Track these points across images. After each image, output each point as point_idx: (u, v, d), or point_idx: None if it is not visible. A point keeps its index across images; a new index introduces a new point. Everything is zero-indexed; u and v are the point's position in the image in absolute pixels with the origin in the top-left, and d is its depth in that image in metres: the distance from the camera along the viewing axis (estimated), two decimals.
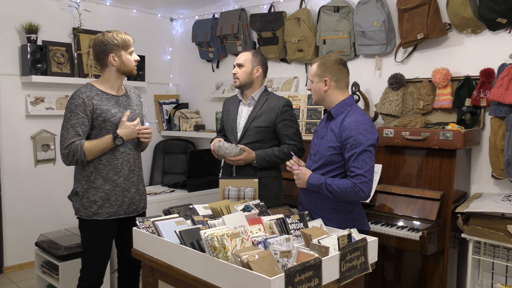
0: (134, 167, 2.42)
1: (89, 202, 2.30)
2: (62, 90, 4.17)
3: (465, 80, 2.90)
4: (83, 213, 2.33)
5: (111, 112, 2.29)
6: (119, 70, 2.32)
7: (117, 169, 2.33)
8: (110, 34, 2.29)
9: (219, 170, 4.01)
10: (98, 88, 2.32)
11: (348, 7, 3.41)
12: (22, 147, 3.96)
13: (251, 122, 2.62)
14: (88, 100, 2.24)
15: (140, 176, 2.49)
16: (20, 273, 3.87)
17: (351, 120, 2.07)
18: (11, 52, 3.89)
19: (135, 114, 2.43)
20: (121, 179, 2.35)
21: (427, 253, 2.50)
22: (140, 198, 2.48)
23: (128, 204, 2.39)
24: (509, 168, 2.57)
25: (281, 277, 1.40)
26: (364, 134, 2.02)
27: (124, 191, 2.37)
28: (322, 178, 2.07)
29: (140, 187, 2.49)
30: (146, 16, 4.92)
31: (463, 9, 2.81)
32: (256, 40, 4.18)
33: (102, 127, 2.28)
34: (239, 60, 2.68)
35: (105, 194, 2.31)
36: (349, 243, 1.71)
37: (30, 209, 4.01)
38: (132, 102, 2.45)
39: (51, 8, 4.11)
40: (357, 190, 1.97)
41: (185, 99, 5.20)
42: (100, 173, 2.30)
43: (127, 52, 2.32)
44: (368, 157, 2.01)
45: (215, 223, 1.83)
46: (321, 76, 2.15)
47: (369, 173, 1.99)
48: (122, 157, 2.35)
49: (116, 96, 2.36)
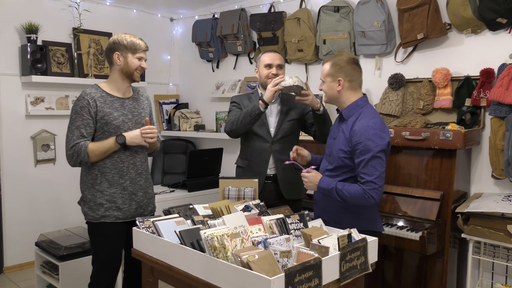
0: (142, 170, 2.41)
1: (96, 205, 2.30)
2: (62, 90, 4.17)
3: (465, 80, 2.90)
4: (90, 216, 2.33)
5: (113, 115, 2.28)
6: (122, 71, 2.32)
7: (123, 172, 2.32)
8: (124, 35, 2.32)
9: (219, 170, 4.01)
10: (104, 89, 2.32)
11: (348, 7, 3.41)
12: (22, 147, 3.96)
13: (284, 117, 2.68)
14: (93, 102, 2.25)
15: (148, 179, 2.48)
16: (20, 273, 3.87)
17: (361, 124, 2.05)
18: (11, 52, 3.89)
19: (141, 117, 2.41)
20: (127, 182, 2.34)
21: (427, 253, 2.50)
22: (148, 202, 2.47)
23: (136, 207, 2.39)
24: (509, 168, 2.57)
25: (281, 277, 1.40)
26: (374, 140, 2.00)
27: (131, 194, 2.36)
28: (333, 183, 2.07)
29: (149, 190, 2.48)
30: (146, 16, 4.92)
31: (463, 9, 2.81)
32: (256, 40, 4.18)
33: (105, 130, 2.28)
34: (281, 61, 2.72)
35: (111, 197, 2.31)
36: (349, 243, 1.71)
37: (30, 209, 4.01)
38: (140, 105, 2.44)
39: (51, 8, 4.11)
40: (367, 197, 1.98)
41: (185, 99, 5.20)
42: (106, 176, 2.30)
43: (135, 56, 2.32)
44: (378, 163, 2.00)
45: (215, 223, 1.83)
46: (334, 76, 2.13)
47: (379, 180, 1.99)
48: (128, 160, 2.34)
49: (122, 98, 2.35)
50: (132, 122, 2.35)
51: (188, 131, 4.75)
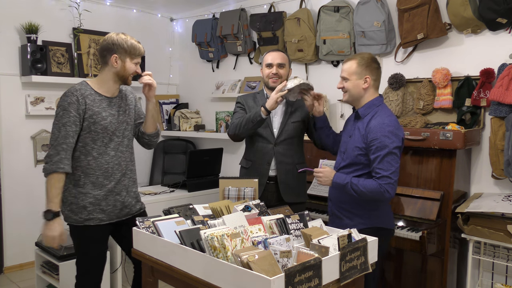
0: (126, 170, 2.33)
1: (78, 208, 2.20)
2: (62, 90, 4.10)
3: (465, 80, 2.90)
4: (73, 220, 2.23)
5: (101, 115, 2.20)
6: (117, 74, 2.24)
7: (108, 173, 2.24)
8: (124, 37, 2.23)
9: (219, 170, 4.01)
10: (93, 87, 2.24)
11: (348, 7, 3.41)
12: (22, 147, 3.96)
13: (288, 118, 2.66)
14: (82, 99, 2.15)
15: (132, 178, 2.38)
16: (20, 273, 3.87)
17: (377, 122, 2.10)
18: (11, 52, 3.89)
19: (126, 116, 2.33)
20: (112, 184, 2.25)
21: (427, 253, 2.50)
22: (135, 201, 2.39)
23: (121, 208, 2.31)
24: (509, 168, 2.57)
25: (281, 277, 1.40)
26: (390, 136, 2.05)
27: (116, 195, 2.28)
28: (348, 178, 2.12)
29: (133, 189, 2.38)
30: (146, 16, 4.92)
31: (463, 9, 2.81)
32: (256, 40, 4.18)
33: (92, 129, 2.19)
34: (283, 60, 2.69)
35: (95, 199, 2.21)
36: (349, 243, 1.71)
37: (30, 209, 4.00)
38: (126, 102, 2.36)
39: (51, 8, 4.11)
40: (383, 191, 2.03)
41: (185, 99, 5.20)
42: (89, 177, 2.21)
43: (132, 61, 2.24)
44: (393, 159, 2.05)
45: (215, 223, 1.83)
46: (361, 74, 2.17)
47: (394, 175, 2.04)
48: (113, 161, 2.25)
49: (109, 98, 2.27)
50: (118, 121, 2.28)
51: (188, 131, 4.74)
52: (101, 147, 2.23)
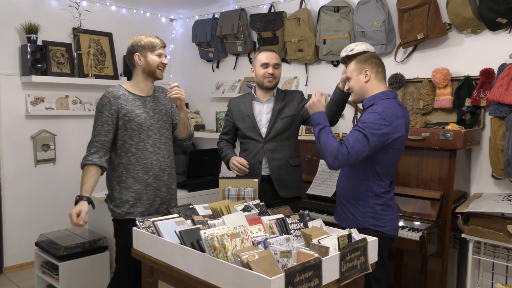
0: (165, 166, 2.44)
1: (121, 202, 2.35)
2: (62, 90, 4.17)
3: (465, 80, 2.90)
4: (116, 214, 2.36)
5: (135, 113, 2.34)
6: (144, 70, 2.38)
7: (147, 168, 2.36)
8: (140, 37, 2.39)
9: (219, 170, 4.01)
10: (126, 89, 2.38)
11: (348, 7, 3.41)
12: (22, 147, 3.96)
13: (276, 115, 2.67)
14: (114, 100, 2.31)
15: (172, 175, 2.51)
16: (20, 273, 3.87)
17: (371, 109, 2.07)
18: (11, 52, 3.89)
19: (162, 115, 2.46)
20: (151, 178, 2.37)
21: (427, 253, 2.50)
22: (171, 198, 2.51)
23: (159, 203, 2.42)
24: (509, 168, 2.57)
25: (281, 277, 1.40)
26: (372, 121, 2.00)
27: (155, 190, 2.40)
28: (326, 123, 2.10)
29: (172, 186, 2.51)
30: (146, 16, 4.92)
31: (463, 9, 2.81)
32: (256, 40, 4.18)
33: (127, 127, 2.33)
34: (278, 61, 2.72)
35: (136, 193, 2.35)
36: (349, 243, 1.71)
37: (30, 209, 4.01)
38: (160, 102, 2.49)
39: (51, 8, 4.12)
40: (335, 155, 1.98)
41: (185, 99, 5.17)
42: (131, 173, 2.34)
43: (154, 53, 2.37)
44: (363, 140, 1.98)
45: (215, 223, 1.83)
46: (361, 69, 2.16)
47: (353, 152, 1.97)
48: (152, 156, 2.38)
49: (143, 97, 2.41)
50: (154, 119, 2.41)
51: None
52: (139, 143, 2.36)
